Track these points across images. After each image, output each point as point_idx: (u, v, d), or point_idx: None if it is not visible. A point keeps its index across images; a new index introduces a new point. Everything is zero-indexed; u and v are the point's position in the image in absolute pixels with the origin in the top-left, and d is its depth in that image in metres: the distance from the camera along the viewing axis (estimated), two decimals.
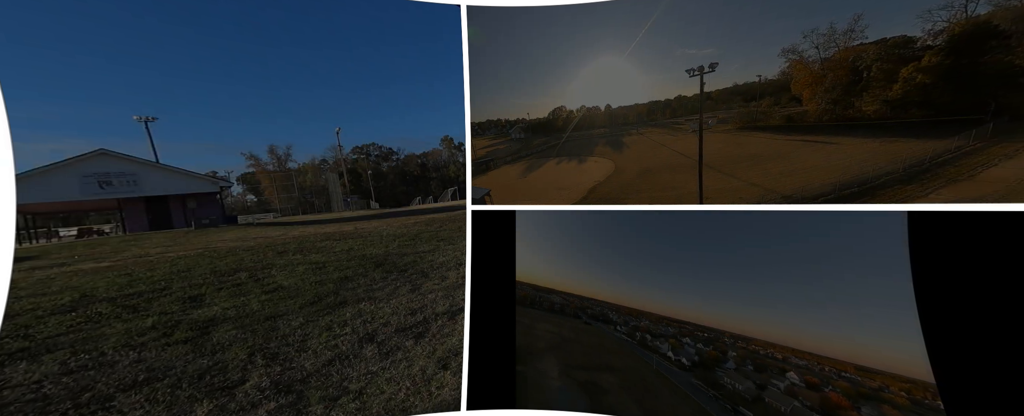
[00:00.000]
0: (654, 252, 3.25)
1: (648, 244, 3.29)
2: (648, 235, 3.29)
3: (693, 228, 3.14)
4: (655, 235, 3.27)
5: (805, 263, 2.94)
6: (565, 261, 3.62)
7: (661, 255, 3.22)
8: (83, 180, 16.16)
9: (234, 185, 24.58)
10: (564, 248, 3.63)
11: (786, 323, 2.82)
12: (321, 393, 3.72)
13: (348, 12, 23.34)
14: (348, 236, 12.20)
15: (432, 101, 31.53)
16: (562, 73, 3.66)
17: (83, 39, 15.93)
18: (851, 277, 2.77)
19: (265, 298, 6.23)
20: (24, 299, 6.23)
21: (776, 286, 2.86)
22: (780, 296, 2.83)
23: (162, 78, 17.74)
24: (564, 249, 3.63)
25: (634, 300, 3.28)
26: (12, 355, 4.41)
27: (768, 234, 3.02)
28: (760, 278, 2.92)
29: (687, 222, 3.17)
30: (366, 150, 36.38)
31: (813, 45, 2.86)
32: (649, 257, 3.26)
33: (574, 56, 3.59)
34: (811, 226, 2.96)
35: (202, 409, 3.49)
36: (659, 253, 3.23)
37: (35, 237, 19.78)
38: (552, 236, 3.67)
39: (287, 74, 22.89)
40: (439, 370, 4.12)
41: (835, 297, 2.74)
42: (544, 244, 3.65)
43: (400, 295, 6.34)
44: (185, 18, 17.93)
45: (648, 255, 3.27)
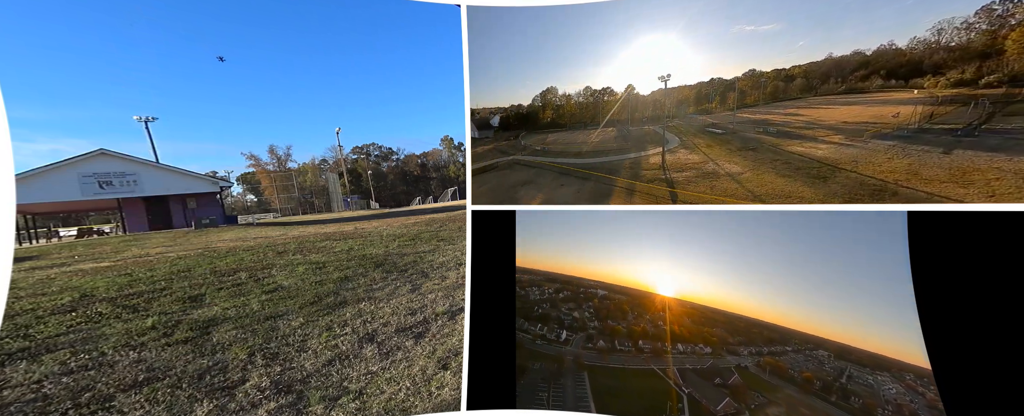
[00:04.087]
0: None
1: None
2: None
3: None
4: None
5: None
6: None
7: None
8: (83, 180, 16.15)
9: (234, 185, 24.59)
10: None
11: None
12: (321, 393, 3.72)
13: (348, 12, 23.38)
14: (348, 236, 12.19)
15: (432, 101, 31.53)
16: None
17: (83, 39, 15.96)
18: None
19: (265, 298, 6.23)
20: (24, 299, 6.23)
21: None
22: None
23: (162, 78, 17.79)
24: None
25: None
26: (12, 355, 4.40)
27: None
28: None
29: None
30: (366, 150, 36.35)
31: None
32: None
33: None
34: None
35: (202, 409, 3.48)
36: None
37: (35, 237, 19.77)
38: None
39: (287, 74, 22.95)
40: (439, 370, 4.12)
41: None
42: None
43: (400, 295, 6.34)
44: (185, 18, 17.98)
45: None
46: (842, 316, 2.79)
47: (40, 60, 14.31)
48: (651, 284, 3.52)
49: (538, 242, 3.73)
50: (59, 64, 15.06)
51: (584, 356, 3.61)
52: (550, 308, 3.77)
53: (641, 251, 3.54)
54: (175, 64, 18.49)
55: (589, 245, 3.70)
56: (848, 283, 2.77)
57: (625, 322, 3.58)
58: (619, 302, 3.64)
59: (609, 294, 3.68)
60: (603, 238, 3.66)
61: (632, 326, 3.55)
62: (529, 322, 3.74)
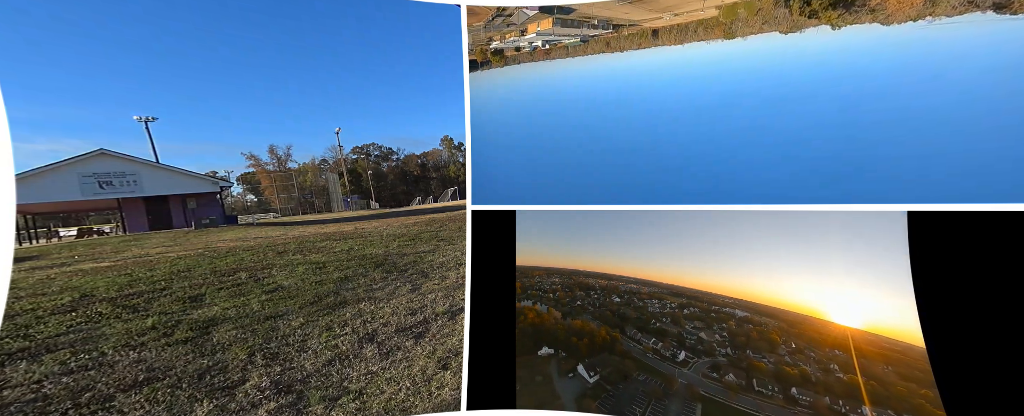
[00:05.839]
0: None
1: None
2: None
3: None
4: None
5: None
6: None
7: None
8: (83, 180, 16.15)
9: (234, 185, 24.57)
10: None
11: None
12: (321, 393, 3.72)
13: (348, 12, 23.32)
14: (348, 236, 12.19)
15: (432, 101, 31.56)
16: None
17: (83, 39, 15.86)
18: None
19: (265, 298, 6.23)
20: (24, 299, 6.23)
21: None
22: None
23: (162, 78, 17.68)
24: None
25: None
26: (12, 355, 4.40)
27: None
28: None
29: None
30: (366, 150, 36.34)
31: None
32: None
33: None
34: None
35: (202, 409, 3.48)
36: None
37: (35, 237, 19.76)
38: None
39: (287, 74, 22.90)
40: (439, 370, 4.12)
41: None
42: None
43: (400, 295, 6.34)
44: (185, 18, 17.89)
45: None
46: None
47: (40, 60, 14.29)
48: (820, 307, 2.52)
49: (656, 247, 3.21)
50: (59, 64, 15.03)
51: (702, 385, 2.97)
52: (671, 324, 3.28)
53: (806, 258, 2.64)
54: (175, 64, 18.47)
55: (719, 252, 3.04)
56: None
57: (774, 357, 2.72)
58: (766, 328, 2.83)
59: (751, 316, 2.93)
60: (735, 243, 2.94)
61: (784, 366, 2.64)
62: (643, 334, 3.38)
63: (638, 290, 3.46)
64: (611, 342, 3.50)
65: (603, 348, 3.52)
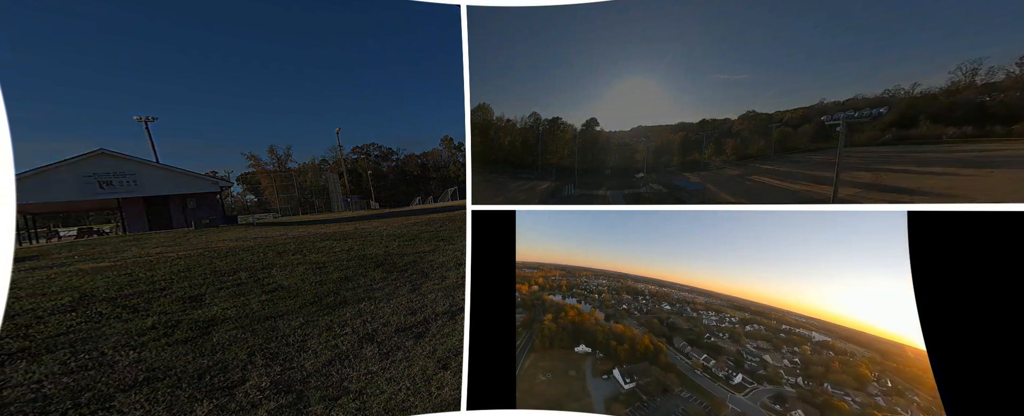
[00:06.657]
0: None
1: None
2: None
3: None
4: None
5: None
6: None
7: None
8: (83, 180, 16.14)
9: (234, 185, 24.61)
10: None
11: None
12: (321, 393, 3.72)
13: (348, 12, 23.39)
14: (348, 236, 12.18)
15: (432, 101, 31.54)
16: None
17: (83, 38, 15.95)
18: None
19: (265, 298, 6.23)
20: (24, 299, 6.22)
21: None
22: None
23: (162, 78, 17.82)
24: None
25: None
26: (12, 355, 4.40)
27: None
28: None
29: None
30: (366, 150, 36.35)
31: None
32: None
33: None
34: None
35: (202, 409, 3.48)
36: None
37: (35, 237, 19.76)
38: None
39: (287, 74, 22.95)
40: (439, 370, 4.12)
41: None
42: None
43: (400, 295, 6.34)
44: (185, 18, 18.01)
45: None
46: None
47: (40, 60, 14.31)
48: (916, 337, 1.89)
49: (716, 252, 2.78)
50: (59, 64, 15.05)
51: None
52: (728, 341, 2.93)
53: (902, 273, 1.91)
54: (176, 64, 18.50)
55: (794, 260, 2.47)
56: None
57: (862, 395, 2.20)
58: (854, 359, 2.34)
59: (832, 341, 2.48)
60: (814, 248, 2.35)
61: (873, 409, 2.09)
62: (694, 348, 3.08)
63: (693, 299, 3.15)
64: (654, 352, 3.24)
65: (644, 356, 3.28)
